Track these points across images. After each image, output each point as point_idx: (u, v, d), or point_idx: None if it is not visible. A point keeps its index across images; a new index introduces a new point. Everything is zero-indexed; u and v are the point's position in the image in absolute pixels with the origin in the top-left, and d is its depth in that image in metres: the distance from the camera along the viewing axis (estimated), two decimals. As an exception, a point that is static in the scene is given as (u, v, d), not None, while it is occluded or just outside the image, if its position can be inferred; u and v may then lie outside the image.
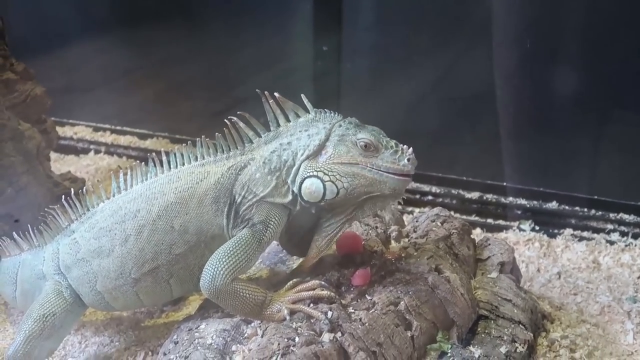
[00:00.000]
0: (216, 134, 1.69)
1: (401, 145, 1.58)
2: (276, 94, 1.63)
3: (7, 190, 2.36)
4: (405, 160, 1.56)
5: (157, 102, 3.67)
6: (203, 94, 3.67)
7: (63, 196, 1.83)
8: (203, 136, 1.71)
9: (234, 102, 3.47)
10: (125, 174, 1.75)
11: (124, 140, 3.45)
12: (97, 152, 3.32)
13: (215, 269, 1.54)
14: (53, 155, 2.81)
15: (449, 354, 1.62)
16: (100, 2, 3.74)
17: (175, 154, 1.72)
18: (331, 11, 3.03)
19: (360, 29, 3.15)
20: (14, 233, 1.93)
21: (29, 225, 1.91)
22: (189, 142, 1.73)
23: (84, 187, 1.82)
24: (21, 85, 2.55)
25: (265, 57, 3.43)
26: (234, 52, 3.53)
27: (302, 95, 1.63)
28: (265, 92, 1.63)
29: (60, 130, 2.96)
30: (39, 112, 2.62)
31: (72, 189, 2.61)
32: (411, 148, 1.57)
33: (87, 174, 3.04)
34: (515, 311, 1.77)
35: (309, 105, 1.63)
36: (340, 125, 1.60)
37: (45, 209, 1.85)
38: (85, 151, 3.33)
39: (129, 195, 1.72)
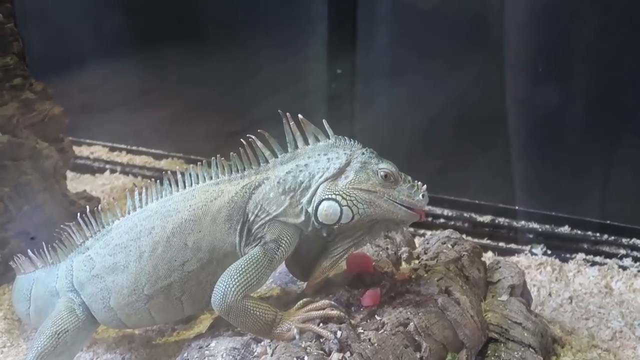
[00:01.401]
0: (231, 153, 1.71)
1: (417, 181, 1.62)
2: (300, 116, 1.66)
3: (23, 207, 2.40)
4: (420, 196, 1.60)
5: (173, 123, 3.71)
6: (218, 115, 3.70)
7: (78, 213, 1.85)
8: (218, 155, 1.74)
9: (249, 123, 3.50)
10: (140, 192, 1.77)
11: (139, 160, 3.49)
12: (112, 171, 3.36)
13: (227, 286, 1.56)
14: (69, 174, 2.86)
15: (458, 376, 1.62)
16: (117, 24, 3.79)
17: (190, 173, 1.75)
18: (346, 34, 3.07)
19: (375, 53, 3.18)
20: (28, 250, 1.95)
21: (43, 243, 1.94)
22: (204, 161, 1.76)
23: (99, 205, 1.85)
24: (40, 105, 2.60)
25: (280, 79, 3.47)
26: (249, 74, 3.57)
27: (324, 121, 1.66)
28: (287, 114, 1.66)
29: (76, 150, 3.01)
30: (57, 132, 2.67)
31: (87, 207, 2.69)
32: (425, 185, 1.62)
33: (102, 192, 3.07)
34: (526, 334, 1.77)
35: (329, 131, 1.67)
36: (363, 153, 1.63)
37: (61, 226, 1.88)
38: (101, 170, 3.36)
39: (144, 212, 1.75)
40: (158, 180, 1.78)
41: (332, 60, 3.10)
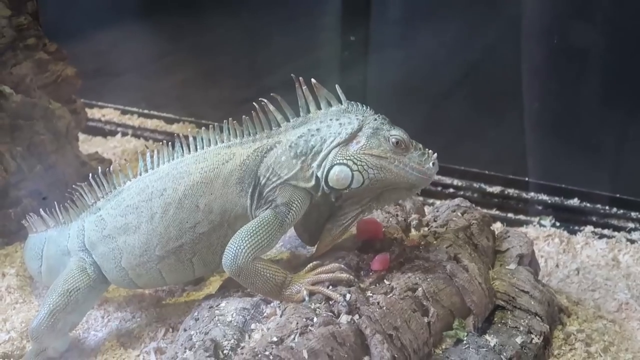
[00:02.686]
0: (243, 116, 1.71)
1: (427, 149, 1.62)
2: (313, 80, 1.65)
3: (36, 167, 2.41)
4: (430, 164, 1.61)
5: (185, 88, 3.72)
6: (230, 82, 3.70)
7: (90, 174, 1.86)
8: (230, 118, 1.73)
9: (260, 90, 3.46)
10: (152, 154, 1.77)
11: (150, 123, 3.48)
12: (124, 134, 3.35)
13: (238, 247, 1.57)
14: (81, 136, 2.86)
15: (465, 342, 1.62)
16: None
17: (202, 136, 1.75)
18: (360, 2, 3.04)
19: (389, 21, 3.16)
20: (41, 210, 1.97)
21: (55, 203, 1.95)
22: (215, 124, 1.75)
23: (111, 166, 1.85)
24: (53, 66, 2.60)
25: (293, 47, 3.45)
26: (262, 41, 3.56)
27: (337, 86, 1.66)
28: (300, 78, 1.65)
29: (88, 112, 3.00)
30: (70, 93, 2.68)
31: (99, 169, 2.70)
32: (436, 154, 1.62)
33: (114, 155, 3.08)
34: (532, 303, 1.77)
35: (342, 96, 1.66)
36: (376, 120, 1.63)
37: (72, 187, 1.88)
38: (113, 133, 3.36)
39: (155, 174, 1.75)
40: (170, 143, 1.78)
41: (345, 28, 3.08)
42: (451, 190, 2.80)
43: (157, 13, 3.74)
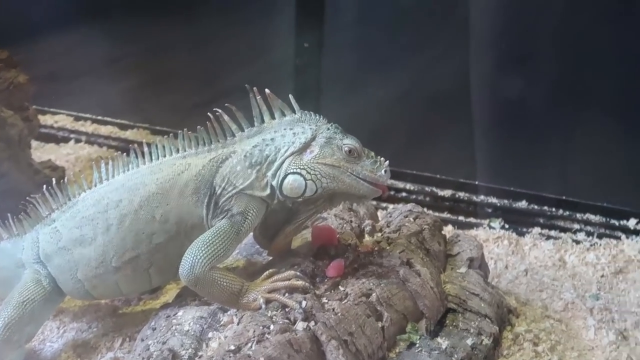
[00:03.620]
0: (198, 127, 1.72)
1: (379, 157, 1.65)
2: (267, 90, 1.67)
3: (-12, 176, 2.38)
4: (382, 172, 1.64)
5: (139, 93, 3.68)
6: (185, 86, 3.69)
7: (44, 185, 1.84)
8: (185, 129, 1.74)
9: (215, 95, 3.48)
10: (107, 164, 1.77)
11: (104, 130, 3.45)
12: (77, 141, 3.32)
13: (195, 257, 1.58)
14: (33, 143, 2.82)
15: (418, 345, 1.66)
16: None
17: (157, 146, 1.75)
18: (314, 8, 3.07)
19: (342, 27, 3.20)
20: (-7, 222, 1.94)
21: (8, 214, 1.92)
22: (170, 134, 1.76)
23: (66, 178, 1.84)
24: (4, 73, 2.56)
25: (247, 51, 3.47)
26: (215, 46, 3.56)
27: (290, 96, 1.68)
28: (254, 88, 1.67)
29: (41, 119, 2.97)
30: (22, 100, 2.63)
31: (52, 177, 2.66)
32: (387, 161, 1.65)
33: (67, 162, 3.05)
34: (482, 305, 1.82)
35: (295, 106, 1.68)
36: (328, 129, 1.65)
37: (27, 198, 1.87)
38: (66, 140, 3.33)
39: (111, 185, 1.75)
40: (124, 153, 1.78)
41: (299, 34, 3.10)
42: (404, 194, 2.83)
43: (110, 17, 3.70)
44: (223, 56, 3.57)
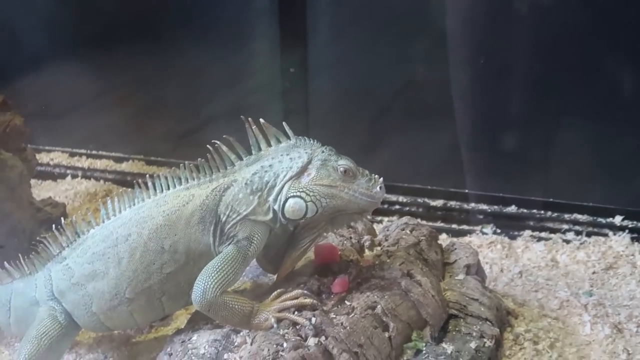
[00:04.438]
0: (199, 159, 1.79)
1: (374, 174, 1.72)
2: (261, 120, 1.75)
3: (-8, 218, 2.43)
4: (377, 189, 1.71)
5: (129, 125, 3.67)
6: (173, 115, 3.69)
7: (53, 225, 1.90)
8: (186, 162, 1.81)
9: (203, 121, 3.53)
10: (113, 201, 1.83)
11: (100, 164, 3.49)
12: (74, 176, 3.36)
13: (206, 284, 1.64)
14: (32, 181, 2.86)
15: (424, 352, 1.72)
16: (67, 27, 3.77)
17: (160, 178, 1.82)
18: (297, 32, 3.13)
19: (325, 50, 3.26)
20: (5, 262, 1.99)
21: (17, 254, 1.98)
22: (172, 168, 1.83)
23: (72, 216, 1.89)
24: (0, 116, 2.62)
25: (232, 77, 3.51)
26: (201, 73, 3.59)
27: (284, 123, 1.75)
28: (249, 119, 1.74)
29: (37, 157, 3.01)
30: (19, 142, 2.68)
31: (54, 214, 2.72)
32: (382, 178, 1.72)
33: (66, 198, 3.09)
34: (482, 309, 1.88)
35: (290, 132, 1.75)
36: (323, 152, 1.73)
37: (37, 238, 1.93)
38: (63, 176, 3.36)
39: (118, 220, 1.81)
40: (129, 188, 1.85)
41: (284, 59, 3.17)
42: (397, 207, 2.89)
43: (93, 50, 3.73)
44: (209, 83, 3.62)
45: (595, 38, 2.60)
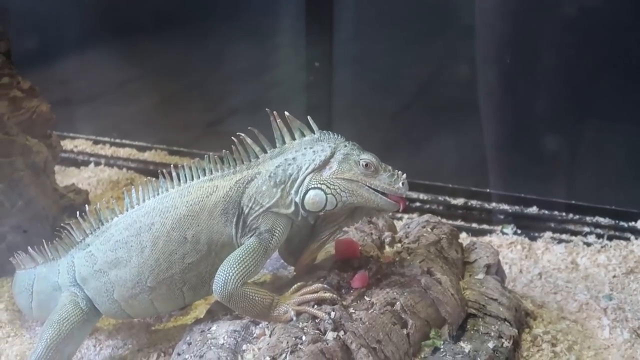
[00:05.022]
0: (223, 150, 1.80)
1: (397, 170, 1.72)
2: (286, 113, 1.75)
3: (17, 202, 2.45)
4: (400, 184, 1.70)
5: (153, 114, 3.73)
6: (197, 105, 3.72)
7: (77, 212, 1.93)
8: (211, 153, 1.82)
9: (226, 113, 3.56)
10: (137, 190, 1.85)
11: (123, 152, 3.53)
12: (97, 164, 3.40)
13: (227, 275, 1.66)
14: (55, 167, 2.89)
15: (442, 350, 1.72)
16: (94, 17, 3.80)
17: (184, 169, 1.83)
18: (323, 28, 3.14)
19: (350, 45, 3.26)
20: (29, 248, 2.02)
21: (40, 239, 2.01)
22: (196, 158, 1.84)
23: (98, 203, 1.91)
24: (27, 103, 2.64)
25: (257, 70, 3.53)
26: (226, 65, 3.62)
27: (309, 117, 1.76)
28: (275, 112, 1.75)
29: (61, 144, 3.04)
30: (45, 128, 2.71)
31: (76, 201, 2.75)
32: (405, 174, 1.71)
33: (89, 185, 3.12)
34: (501, 309, 1.88)
35: (314, 126, 1.76)
36: (346, 146, 1.73)
37: (61, 224, 1.95)
38: (86, 163, 3.40)
39: (142, 209, 1.83)
40: (153, 178, 1.86)
41: (309, 53, 3.17)
42: (418, 204, 2.89)
43: (120, 39, 3.76)
44: (234, 75, 3.63)
45: (622, 38, 2.57)
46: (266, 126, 1.78)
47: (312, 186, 1.70)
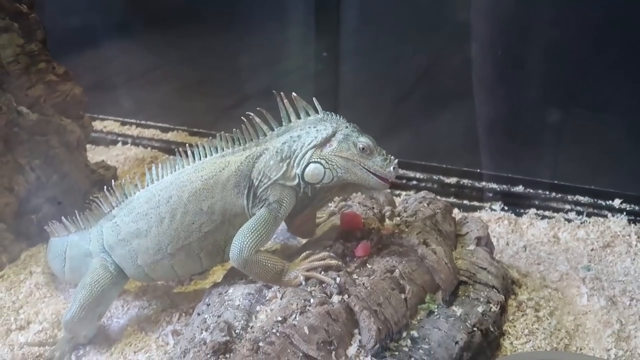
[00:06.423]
0: (234, 129, 1.78)
1: (390, 155, 1.70)
2: (293, 94, 1.73)
3: (53, 177, 2.46)
4: (391, 168, 1.68)
5: (175, 99, 3.72)
6: (216, 91, 3.70)
7: (105, 186, 1.92)
8: (222, 132, 1.80)
9: (242, 98, 3.53)
10: (157, 167, 1.84)
11: (147, 133, 3.51)
12: (124, 143, 3.38)
13: (242, 243, 1.65)
14: (87, 146, 2.88)
15: (436, 313, 1.72)
16: (123, 9, 3.78)
17: (198, 147, 1.82)
18: (330, 20, 3.11)
19: (356, 37, 3.23)
20: (62, 217, 2.02)
21: (72, 209, 2.01)
22: (209, 137, 1.83)
23: (123, 179, 1.90)
24: (62, 86, 2.64)
25: (270, 59, 3.50)
26: (242, 55, 3.59)
27: (314, 98, 1.74)
28: (281, 93, 1.73)
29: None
30: (78, 109, 2.71)
31: (106, 176, 2.74)
32: (397, 160, 1.69)
33: (117, 162, 3.11)
34: (490, 277, 1.88)
35: (318, 107, 1.74)
36: (347, 127, 1.71)
37: (91, 197, 1.95)
38: (114, 142, 3.39)
39: (161, 184, 1.82)
40: (171, 156, 1.85)
41: (318, 43, 3.15)
42: (414, 182, 2.86)
43: (146, 31, 3.74)
44: (249, 64, 3.61)
45: (605, 32, 2.54)
46: (277, 111, 1.76)
47: (313, 160, 1.69)
